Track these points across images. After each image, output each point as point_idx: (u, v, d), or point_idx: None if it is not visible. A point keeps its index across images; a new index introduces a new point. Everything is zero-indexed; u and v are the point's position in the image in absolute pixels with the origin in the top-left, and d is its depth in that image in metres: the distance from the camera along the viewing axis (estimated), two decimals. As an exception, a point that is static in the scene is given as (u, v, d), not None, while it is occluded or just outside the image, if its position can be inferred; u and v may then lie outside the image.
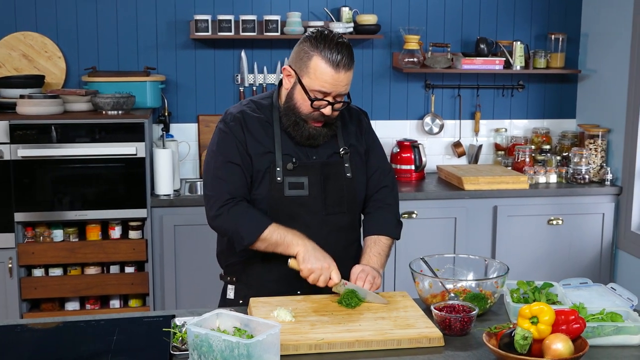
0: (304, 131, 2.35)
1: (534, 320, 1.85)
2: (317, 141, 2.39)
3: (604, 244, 4.31)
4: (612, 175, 4.31)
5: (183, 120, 4.45)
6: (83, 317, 2.22)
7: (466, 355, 1.94)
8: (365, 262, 2.39)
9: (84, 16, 4.28)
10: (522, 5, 4.66)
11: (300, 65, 2.30)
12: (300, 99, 2.32)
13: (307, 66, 2.28)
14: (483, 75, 4.66)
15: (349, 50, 2.29)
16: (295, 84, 2.33)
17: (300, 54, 2.31)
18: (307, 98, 2.30)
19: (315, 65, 2.26)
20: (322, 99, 2.30)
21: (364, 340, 1.97)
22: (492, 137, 4.76)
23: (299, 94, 2.32)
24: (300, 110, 2.33)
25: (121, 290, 3.98)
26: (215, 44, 4.43)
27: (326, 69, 2.25)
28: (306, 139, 2.37)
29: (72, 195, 3.85)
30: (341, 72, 2.26)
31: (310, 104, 2.30)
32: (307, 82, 2.29)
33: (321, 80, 2.27)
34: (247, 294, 2.42)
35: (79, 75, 4.32)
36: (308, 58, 2.28)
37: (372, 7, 4.51)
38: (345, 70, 2.27)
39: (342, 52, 2.26)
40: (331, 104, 2.31)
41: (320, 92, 2.29)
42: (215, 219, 2.33)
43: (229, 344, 1.74)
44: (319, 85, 2.27)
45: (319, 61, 2.26)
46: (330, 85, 2.27)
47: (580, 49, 4.70)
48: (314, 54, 2.27)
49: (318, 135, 2.37)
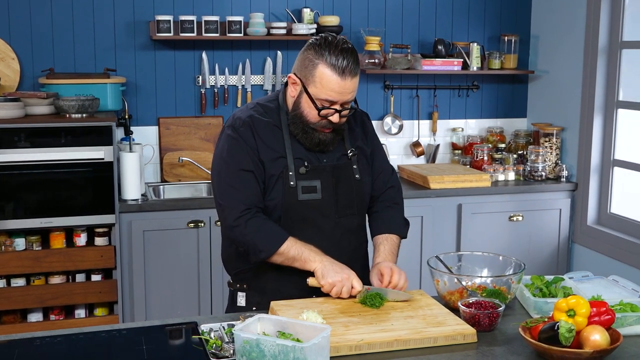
0: (313, 138, 2.34)
1: (570, 313, 1.91)
2: (327, 147, 2.38)
3: (561, 238, 4.47)
4: (567, 172, 4.48)
5: (143, 123, 4.35)
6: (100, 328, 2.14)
7: (502, 350, 1.98)
8: (381, 259, 2.41)
9: (38, 16, 4.12)
10: (475, 8, 4.77)
11: (306, 74, 2.27)
12: (307, 108, 2.30)
13: (313, 75, 2.25)
14: (439, 76, 4.75)
15: (354, 55, 2.27)
16: (302, 93, 2.30)
17: (304, 62, 2.28)
18: (315, 107, 2.28)
19: (321, 74, 2.24)
20: (329, 107, 2.28)
21: (402, 339, 1.98)
22: (448, 137, 4.86)
23: (306, 102, 2.29)
24: (308, 118, 2.31)
25: (88, 299, 3.85)
26: (176, 45, 4.35)
27: (332, 77, 2.23)
28: (316, 145, 2.36)
29: (35, 202, 3.69)
30: (347, 79, 2.24)
31: (318, 113, 2.28)
32: (314, 91, 2.26)
33: (328, 89, 2.24)
34: (260, 300, 2.39)
35: (33, 78, 4.15)
36: (313, 67, 2.25)
37: (332, 9, 4.53)
38: (351, 77, 2.25)
39: (347, 58, 2.23)
40: (338, 112, 2.30)
41: (327, 101, 2.27)
42: (232, 229, 2.29)
43: (284, 348, 1.72)
44: (326, 94, 2.25)
45: (325, 69, 2.23)
46: (337, 94, 2.25)
47: (531, 50, 4.86)
48: (319, 62, 2.23)
49: (327, 141, 2.36)
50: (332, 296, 2.25)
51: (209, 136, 4.43)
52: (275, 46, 4.46)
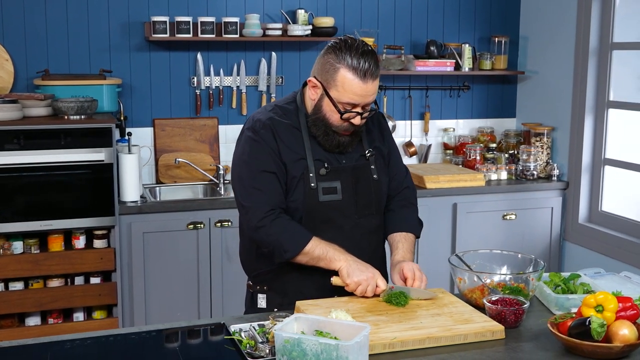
0: (333, 140, 2.35)
1: (599, 309, 1.95)
2: (347, 149, 2.40)
3: (553, 236, 4.55)
4: (559, 171, 4.55)
5: (138, 125, 4.33)
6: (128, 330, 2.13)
7: (530, 346, 2.02)
8: (400, 257, 2.43)
9: (32, 17, 4.08)
10: (466, 9, 4.83)
11: (327, 78, 2.28)
12: (329, 112, 2.31)
13: (334, 79, 2.26)
14: (431, 76, 4.80)
15: (374, 57, 2.28)
16: (323, 96, 2.31)
17: (325, 65, 2.29)
18: (337, 111, 2.29)
19: (343, 78, 2.25)
20: (351, 111, 2.30)
21: (433, 336, 2.01)
22: (440, 137, 4.91)
23: (328, 106, 2.31)
24: (330, 121, 2.32)
25: (87, 302, 3.82)
26: (171, 46, 4.33)
27: (354, 80, 2.24)
28: (335, 147, 2.37)
29: (34, 205, 3.66)
30: (369, 82, 2.25)
31: (340, 117, 2.30)
32: (335, 94, 2.27)
33: (350, 92, 2.25)
34: (282, 302, 2.41)
35: (27, 79, 4.11)
36: (334, 71, 2.26)
37: (326, 10, 4.55)
38: (372, 79, 2.26)
39: (368, 61, 2.24)
40: (360, 114, 2.32)
41: (350, 104, 2.28)
42: (257, 230, 2.30)
43: (327, 347, 1.74)
44: (348, 98, 2.26)
45: (346, 73, 2.24)
46: (359, 97, 2.27)
47: (520, 51, 4.93)
48: (340, 67, 2.24)
49: (347, 143, 2.38)
50: (357, 295, 2.28)
51: (204, 137, 4.42)
52: (269, 47, 4.47)
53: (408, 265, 2.38)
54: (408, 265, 2.38)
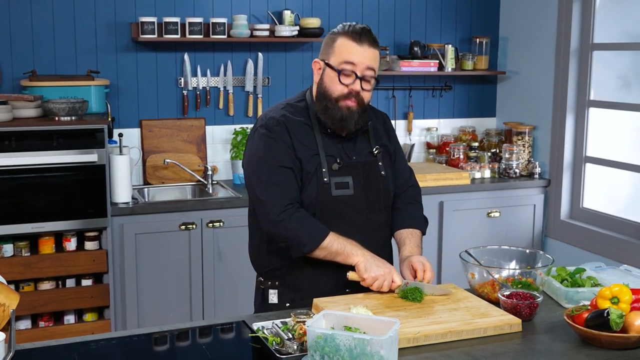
0: (335, 114, 2.38)
1: (614, 301, 2.02)
2: (349, 124, 2.40)
3: (535, 233, 4.65)
4: (540, 169, 4.66)
5: (125, 126, 4.30)
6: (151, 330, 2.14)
7: (547, 338, 2.08)
8: (408, 253, 2.49)
9: (18, 17, 4.04)
10: (447, 10, 4.91)
11: (327, 51, 2.40)
12: (328, 81, 2.39)
13: (333, 48, 2.38)
14: (414, 77, 4.86)
15: (371, 32, 2.40)
16: (324, 70, 2.40)
17: (326, 44, 2.43)
18: (335, 73, 2.36)
19: (340, 44, 2.37)
20: (350, 71, 2.34)
21: (455, 330, 2.06)
22: (423, 136, 4.98)
23: (328, 76, 2.39)
24: (330, 91, 2.38)
25: (80, 305, 3.80)
26: (158, 47, 4.32)
27: (350, 44, 2.35)
28: (339, 120, 2.39)
29: (26, 207, 3.63)
30: (365, 46, 2.36)
31: (339, 79, 2.35)
32: (334, 60, 2.38)
33: (346, 52, 2.35)
34: (294, 297, 2.44)
35: (13, 80, 4.06)
36: (332, 41, 2.39)
37: (312, 11, 4.58)
38: (368, 44, 2.36)
39: (364, 31, 2.37)
40: (359, 79, 2.36)
41: (347, 63, 2.34)
42: (276, 225, 2.32)
43: (360, 342, 1.77)
44: (344, 57, 2.35)
45: (343, 39, 2.37)
46: (356, 57, 2.34)
47: (500, 52, 5.03)
48: (338, 37, 2.38)
49: (350, 117, 2.39)
50: (373, 290, 2.32)
51: (192, 138, 4.42)
52: (256, 48, 4.49)
53: (416, 259, 2.44)
54: (416, 258, 2.44)
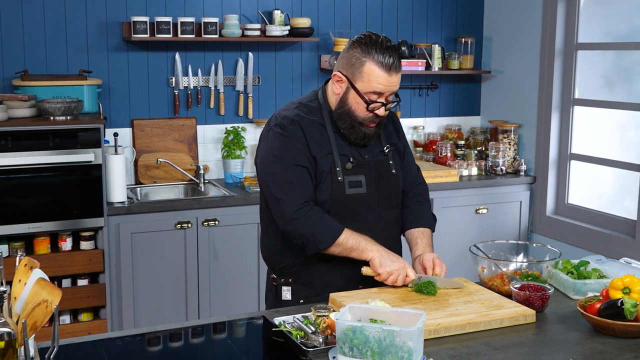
0: (359, 133, 2.45)
1: (626, 291, 2.10)
2: (371, 141, 2.50)
3: (522, 229, 4.74)
4: (526, 166, 4.75)
5: (117, 125, 4.30)
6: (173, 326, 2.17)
7: (561, 328, 2.15)
8: (420, 252, 2.54)
9: (9, 17, 4.01)
10: (433, 10, 4.98)
11: (353, 71, 2.39)
12: (354, 104, 2.41)
13: (361, 72, 2.37)
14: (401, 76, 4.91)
15: (397, 52, 2.42)
16: (348, 90, 2.41)
17: (351, 60, 2.40)
18: (363, 102, 2.40)
19: (369, 71, 2.36)
20: (376, 101, 2.40)
21: (473, 322, 2.12)
22: (409, 135, 5.05)
23: (353, 98, 2.41)
24: (356, 114, 2.42)
25: (76, 305, 3.80)
26: (149, 47, 4.33)
27: (380, 73, 2.36)
28: (361, 139, 2.47)
29: (22, 207, 3.61)
30: (393, 75, 2.39)
31: (367, 108, 2.40)
32: (361, 86, 2.38)
33: (375, 83, 2.37)
34: (307, 294, 2.48)
35: (4, 80, 4.04)
36: (361, 64, 2.37)
37: (301, 11, 4.62)
38: (396, 72, 2.40)
39: (392, 55, 2.38)
40: (384, 105, 2.43)
41: (375, 94, 2.39)
42: (292, 222, 2.36)
43: (389, 334, 1.82)
44: (373, 87, 2.37)
45: (372, 66, 2.36)
46: (384, 87, 2.39)
47: (485, 51, 5.12)
48: (366, 60, 2.36)
49: (371, 135, 2.49)
50: (388, 284, 2.37)
51: (183, 137, 4.43)
52: (246, 47, 4.51)
53: (427, 256, 2.50)
54: (427, 255, 2.50)
